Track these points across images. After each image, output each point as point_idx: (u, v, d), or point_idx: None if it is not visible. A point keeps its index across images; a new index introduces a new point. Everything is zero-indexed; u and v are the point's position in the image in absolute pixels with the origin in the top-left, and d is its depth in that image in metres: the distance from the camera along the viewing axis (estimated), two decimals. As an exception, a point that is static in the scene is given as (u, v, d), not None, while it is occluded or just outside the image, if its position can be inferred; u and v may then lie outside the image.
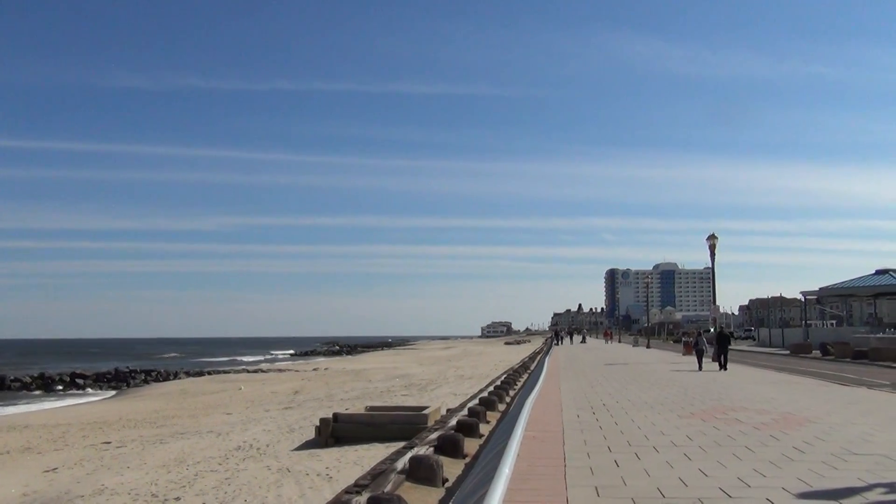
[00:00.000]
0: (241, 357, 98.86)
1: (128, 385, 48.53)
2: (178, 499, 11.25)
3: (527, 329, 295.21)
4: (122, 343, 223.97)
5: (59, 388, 47.09)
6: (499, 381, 21.61)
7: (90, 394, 43.23)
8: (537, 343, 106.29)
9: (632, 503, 5.73)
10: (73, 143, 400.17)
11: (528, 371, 28.15)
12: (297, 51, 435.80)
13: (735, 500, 5.72)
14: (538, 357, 41.32)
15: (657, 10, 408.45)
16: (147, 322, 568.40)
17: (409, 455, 8.27)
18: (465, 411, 13.33)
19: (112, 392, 44.26)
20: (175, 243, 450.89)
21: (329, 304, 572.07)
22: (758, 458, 7.50)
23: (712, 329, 31.95)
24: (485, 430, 11.80)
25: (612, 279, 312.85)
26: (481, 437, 11.13)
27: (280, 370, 58.40)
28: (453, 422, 11.63)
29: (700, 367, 25.29)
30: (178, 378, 53.56)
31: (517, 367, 31.76)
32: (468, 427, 11.00)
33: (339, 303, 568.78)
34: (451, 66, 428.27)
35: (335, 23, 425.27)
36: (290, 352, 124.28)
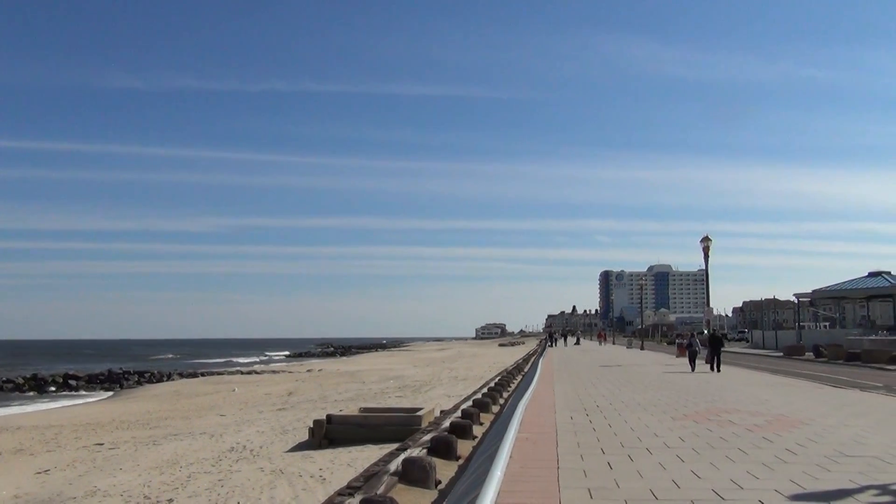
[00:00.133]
0: (237, 358, 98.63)
1: (121, 386, 48.39)
2: (170, 500, 11.21)
3: (521, 331, 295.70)
4: (117, 344, 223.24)
5: (52, 389, 46.93)
6: (493, 383, 21.62)
7: (83, 395, 43.04)
8: (531, 345, 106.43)
9: (624, 505, 5.72)
10: (67, 144, 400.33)
11: (522, 373, 28.16)
12: (293, 52, 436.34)
13: (728, 502, 5.72)
14: (532, 359, 41.36)
15: (653, 13, 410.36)
16: (142, 323, 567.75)
17: (402, 457, 8.26)
18: (459, 413, 13.33)
19: (105, 393, 44.09)
20: (171, 244, 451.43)
21: (324, 306, 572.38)
22: (751, 460, 7.50)
23: (706, 331, 31.98)
24: (478, 431, 11.78)
25: (607, 281, 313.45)
26: (475, 438, 11.11)
27: (274, 371, 58.28)
28: (447, 423, 11.63)
29: (693, 369, 25.30)
30: (172, 379, 53.43)
31: (511, 368, 31.79)
32: (462, 429, 10.99)
33: (334, 304, 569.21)
34: (447, 67, 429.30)
35: (331, 24, 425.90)
36: (286, 353, 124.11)
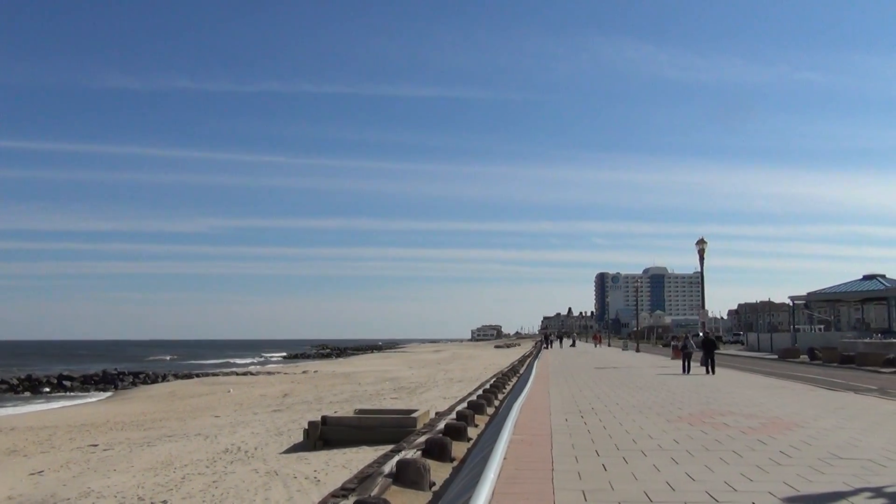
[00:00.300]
0: (234, 360, 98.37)
1: (116, 387, 48.23)
2: (164, 502, 11.19)
3: (517, 333, 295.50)
4: (114, 345, 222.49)
5: (47, 390, 46.79)
6: (488, 385, 21.60)
7: (78, 396, 42.92)
8: (527, 346, 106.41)
9: (618, 507, 5.72)
10: (62, 144, 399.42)
11: (518, 374, 28.15)
12: (290, 53, 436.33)
13: (721, 505, 5.72)
14: (528, 360, 41.35)
15: (649, 16, 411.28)
16: (139, 324, 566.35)
17: (396, 458, 8.24)
18: (454, 415, 13.31)
19: (100, 394, 43.97)
20: (166, 245, 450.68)
21: (320, 307, 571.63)
22: (745, 463, 7.51)
23: (700, 334, 32.02)
24: (473, 433, 11.77)
25: (602, 283, 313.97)
26: (469, 440, 11.10)
27: (270, 373, 58.18)
28: (441, 425, 11.61)
29: (688, 371, 25.28)
30: (167, 380, 53.31)
31: (506, 370, 31.78)
32: (456, 431, 10.98)
33: (331, 305, 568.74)
34: (442, 69, 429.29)
35: (327, 25, 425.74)
36: (283, 354, 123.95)
